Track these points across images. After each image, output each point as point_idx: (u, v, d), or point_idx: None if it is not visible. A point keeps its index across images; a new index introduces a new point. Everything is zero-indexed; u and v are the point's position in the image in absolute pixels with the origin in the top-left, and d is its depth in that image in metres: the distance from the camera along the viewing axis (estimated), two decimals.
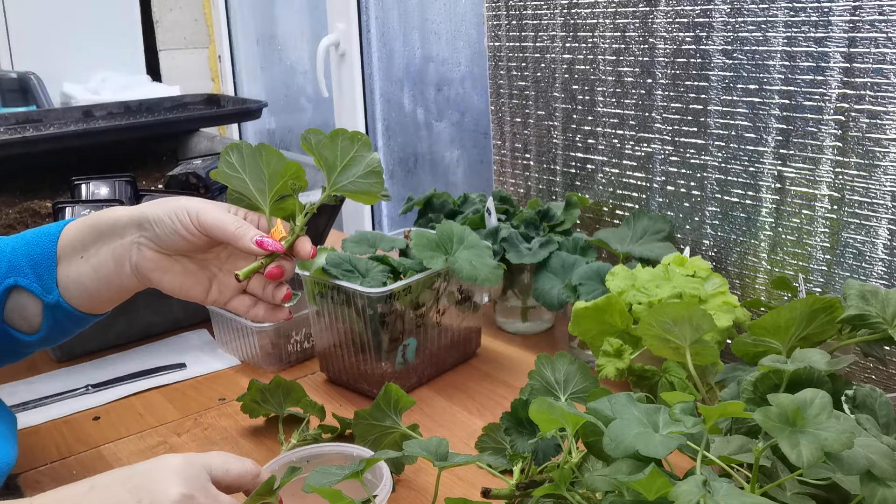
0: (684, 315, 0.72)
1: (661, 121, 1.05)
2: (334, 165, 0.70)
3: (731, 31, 0.94)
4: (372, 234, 0.97)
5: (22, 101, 2.30)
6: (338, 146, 0.70)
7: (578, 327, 0.85)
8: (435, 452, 0.62)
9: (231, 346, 1.05)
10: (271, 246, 0.69)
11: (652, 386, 0.80)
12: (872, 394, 0.60)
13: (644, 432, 0.52)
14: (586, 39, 1.12)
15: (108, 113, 1.59)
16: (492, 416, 0.87)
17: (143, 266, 0.69)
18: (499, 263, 0.94)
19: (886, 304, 0.71)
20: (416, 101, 1.81)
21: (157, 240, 0.69)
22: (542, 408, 0.56)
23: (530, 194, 1.29)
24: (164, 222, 0.68)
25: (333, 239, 1.36)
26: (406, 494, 0.74)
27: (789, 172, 0.92)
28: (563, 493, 0.58)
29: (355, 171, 0.70)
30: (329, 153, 0.70)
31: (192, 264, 0.72)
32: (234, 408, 0.90)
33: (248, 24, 2.60)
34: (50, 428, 0.88)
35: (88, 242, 0.70)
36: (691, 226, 1.05)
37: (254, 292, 0.74)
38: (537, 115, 1.23)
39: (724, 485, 0.47)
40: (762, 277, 0.98)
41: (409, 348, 0.92)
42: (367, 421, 0.75)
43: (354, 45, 1.89)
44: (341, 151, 0.70)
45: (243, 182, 0.71)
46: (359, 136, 0.70)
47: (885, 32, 0.81)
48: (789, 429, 0.49)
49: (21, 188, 1.41)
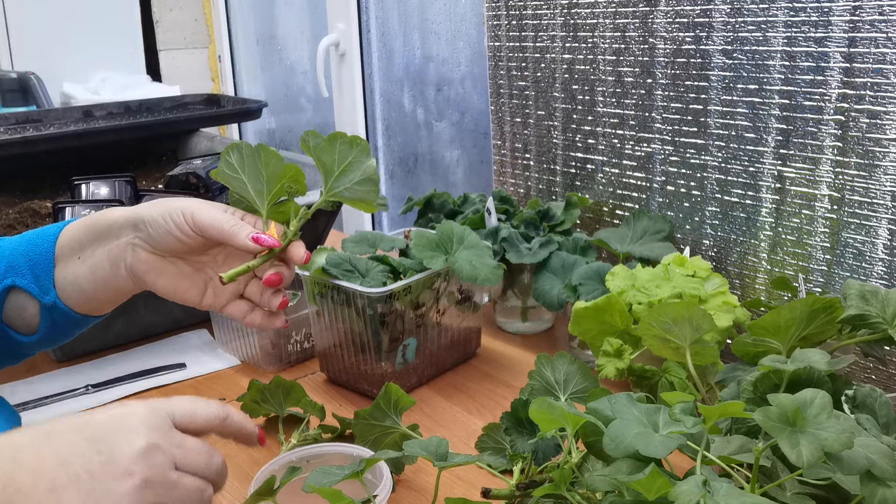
0: (684, 315, 0.72)
1: (661, 121, 1.05)
2: (331, 170, 0.69)
3: (731, 31, 0.94)
4: (372, 234, 0.97)
5: (22, 101, 2.30)
6: (336, 150, 0.68)
7: (578, 327, 0.85)
8: (435, 452, 0.62)
9: (231, 346, 1.05)
10: (268, 241, 0.67)
11: (652, 386, 0.80)
12: (872, 394, 0.60)
13: (644, 432, 0.52)
14: (586, 39, 1.12)
15: (108, 113, 1.59)
16: (492, 416, 0.87)
17: (138, 268, 0.69)
18: (499, 263, 0.94)
19: (886, 304, 0.71)
20: (416, 101, 1.81)
21: (151, 241, 0.68)
22: (542, 408, 0.56)
23: (530, 194, 1.29)
24: (158, 223, 0.68)
25: (333, 239, 1.36)
26: (406, 494, 0.74)
27: (789, 172, 0.92)
28: (563, 493, 0.58)
29: (352, 177, 0.69)
30: (327, 157, 0.69)
31: (187, 266, 0.72)
32: (234, 408, 0.90)
33: (248, 24, 2.60)
34: None
35: (86, 243, 0.69)
36: (691, 226, 1.05)
37: (251, 297, 0.73)
38: (537, 115, 1.23)
39: (724, 485, 0.47)
40: (762, 277, 0.98)
41: (409, 348, 0.92)
42: (367, 421, 0.75)
43: (354, 45, 1.89)
44: (339, 156, 0.69)
45: (242, 183, 0.70)
46: (357, 142, 0.69)
47: (885, 32, 0.81)
48: (789, 429, 0.49)
49: (21, 188, 1.41)
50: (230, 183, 0.71)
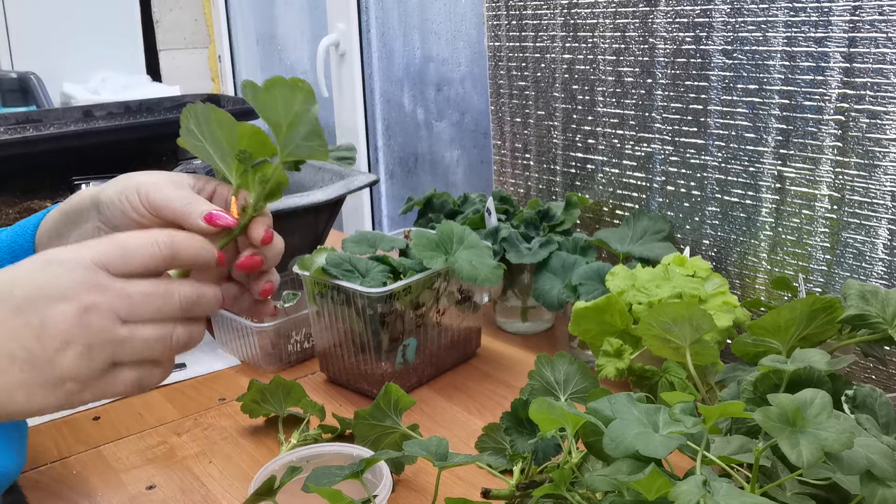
0: (684, 315, 0.72)
1: (661, 121, 1.05)
2: (279, 125, 0.57)
3: (731, 31, 0.94)
4: (372, 234, 0.97)
5: (22, 101, 2.30)
6: (278, 101, 0.56)
7: (578, 327, 0.85)
8: (435, 452, 0.62)
9: (231, 346, 1.05)
10: (223, 221, 0.57)
11: (652, 386, 0.80)
12: (872, 394, 0.60)
13: (644, 432, 0.52)
14: (586, 39, 1.12)
15: (108, 113, 1.59)
16: (492, 416, 0.87)
17: None
18: (499, 263, 0.94)
19: (886, 304, 0.71)
20: (416, 101, 1.81)
21: (111, 224, 0.61)
22: (542, 408, 0.56)
23: (530, 194, 1.29)
24: (115, 204, 0.60)
25: (333, 239, 1.36)
26: (406, 494, 0.74)
27: (789, 172, 0.92)
28: (563, 493, 0.58)
29: (301, 130, 0.57)
30: (271, 111, 0.57)
31: None
32: (234, 408, 0.90)
33: (248, 24, 2.60)
34: (50, 428, 0.88)
35: (62, 230, 0.65)
36: (691, 226, 1.05)
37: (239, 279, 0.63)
38: (537, 115, 1.23)
39: (724, 485, 0.47)
40: (762, 277, 0.98)
41: (409, 348, 0.92)
42: (367, 421, 0.75)
43: (354, 45, 1.89)
44: (283, 107, 0.57)
45: (205, 150, 0.60)
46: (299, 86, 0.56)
47: (885, 32, 0.81)
48: (789, 429, 0.49)
49: (21, 188, 1.41)
50: (196, 151, 0.61)
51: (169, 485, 0.77)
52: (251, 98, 0.57)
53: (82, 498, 0.76)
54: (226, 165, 0.60)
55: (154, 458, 0.82)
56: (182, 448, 0.84)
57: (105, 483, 0.78)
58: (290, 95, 0.56)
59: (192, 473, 0.79)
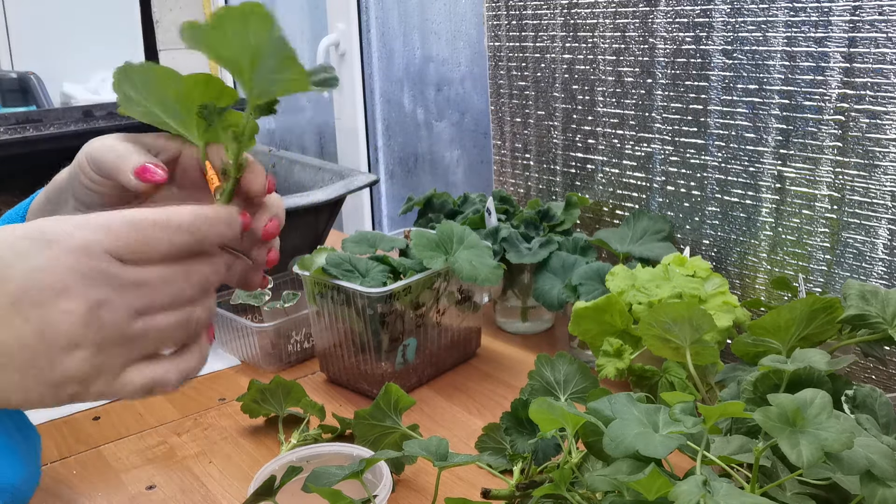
0: (684, 315, 0.72)
1: (661, 121, 1.05)
2: (240, 64, 0.47)
3: (731, 31, 0.94)
4: (372, 234, 0.97)
5: (22, 101, 2.30)
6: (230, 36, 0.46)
7: (578, 327, 0.85)
8: (435, 452, 0.62)
9: (231, 346, 1.05)
10: (156, 176, 0.51)
11: (652, 386, 0.80)
12: (872, 394, 0.60)
13: (644, 432, 0.52)
14: (586, 39, 1.12)
15: (108, 113, 1.59)
16: (492, 416, 0.87)
17: None
18: (499, 263, 0.94)
19: (886, 304, 0.71)
20: (416, 101, 1.81)
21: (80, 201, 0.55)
22: (542, 408, 0.56)
23: (530, 194, 1.29)
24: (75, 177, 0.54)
25: (333, 239, 1.36)
26: (406, 494, 0.74)
27: (789, 172, 0.92)
28: (563, 493, 0.58)
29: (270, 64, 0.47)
30: (224, 49, 0.47)
31: None
32: (234, 408, 0.90)
33: None
34: (50, 428, 0.88)
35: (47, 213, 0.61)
36: (691, 226, 1.05)
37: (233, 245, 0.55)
38: (537, 115, 1.23)
39: (724, 485, 0.47)
40: (762, 277, 0.98)
41: (409, 348, 0.92)
42: (367, 421, 0.75)
43: (354, 45, 1.89)
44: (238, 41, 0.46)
45: (152, 113, 0.52)
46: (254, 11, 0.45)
47: (885, 32, 0.81)
48: (789, 429, 0.49)
49: (21, 188, 1.41)
50: (141, 117, 0.53)
51: (169, 485, 0.77)
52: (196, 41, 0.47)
53: (82, 498, 0.76)
54: (183, 126, 0.53)
55: (154, 458, 0.82)
56: (182, 448, 0.84)
57: (105, 483, 0.78)
58: (242, 26, 0.46)
59: (192, 473, 0.79)
